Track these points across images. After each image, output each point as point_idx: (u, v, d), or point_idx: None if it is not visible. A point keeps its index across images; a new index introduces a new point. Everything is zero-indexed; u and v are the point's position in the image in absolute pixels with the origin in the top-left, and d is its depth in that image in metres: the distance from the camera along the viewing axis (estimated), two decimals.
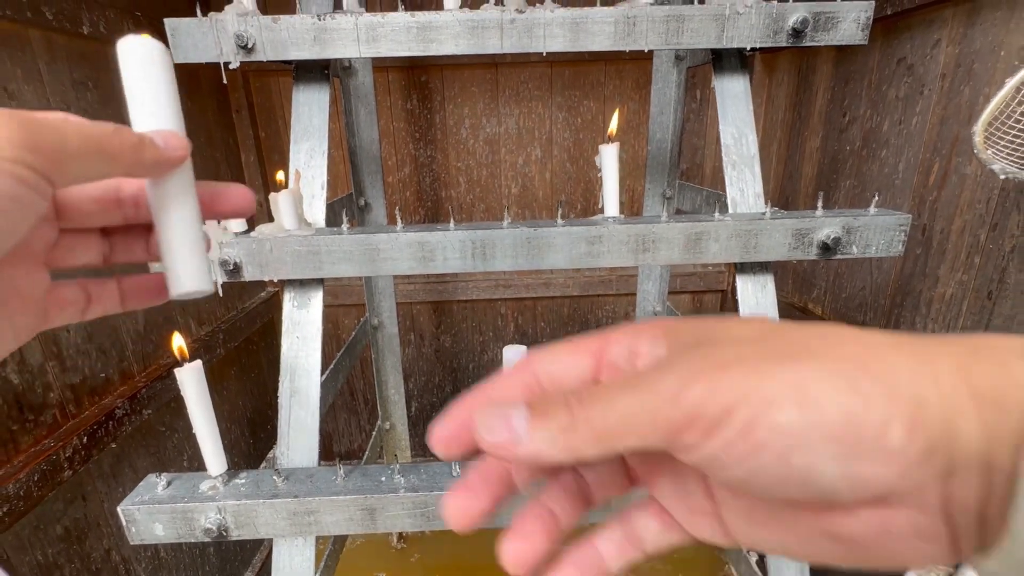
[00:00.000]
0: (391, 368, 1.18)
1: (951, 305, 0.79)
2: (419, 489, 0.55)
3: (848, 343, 0.15)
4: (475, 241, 0.59)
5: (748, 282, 0.66)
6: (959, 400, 0.14)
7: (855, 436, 0.14)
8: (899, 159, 0.88)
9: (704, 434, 0.15)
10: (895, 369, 0.15)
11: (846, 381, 0.14)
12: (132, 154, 0.19)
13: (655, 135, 1.05)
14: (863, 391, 0.14)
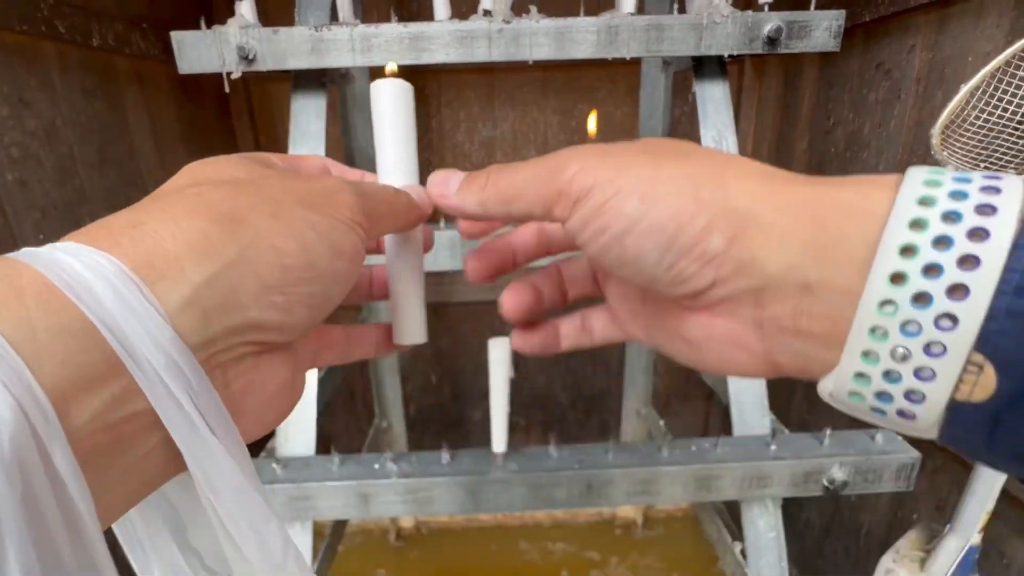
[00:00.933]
0: (388, 368, 1.20)
1: None
2: (411, 475, 0.58)
3: (728, 164, 0.18)
4: (466, 241, 0.62)
5: None
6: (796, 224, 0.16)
7: (677, 233, 0.17)
8: (879, 160, 0.91)
9: (567, 209, 0.18)
10: (744, 188, 0.17)
11: (693, 188, 0.17)
12: (406, 215, 0.21)
13: (643, 133, 1.08)
14: (702, 198, 0.17)
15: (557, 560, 1.25)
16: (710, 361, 0.20)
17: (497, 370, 0.57)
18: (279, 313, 0.16)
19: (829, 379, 0.16)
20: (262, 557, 0.16)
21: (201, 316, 0.14)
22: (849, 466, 0.58)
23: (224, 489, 0.15)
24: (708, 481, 0.58)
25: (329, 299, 0.18)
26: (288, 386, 0.19)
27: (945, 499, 0.80)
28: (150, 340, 0.14)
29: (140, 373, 0.13)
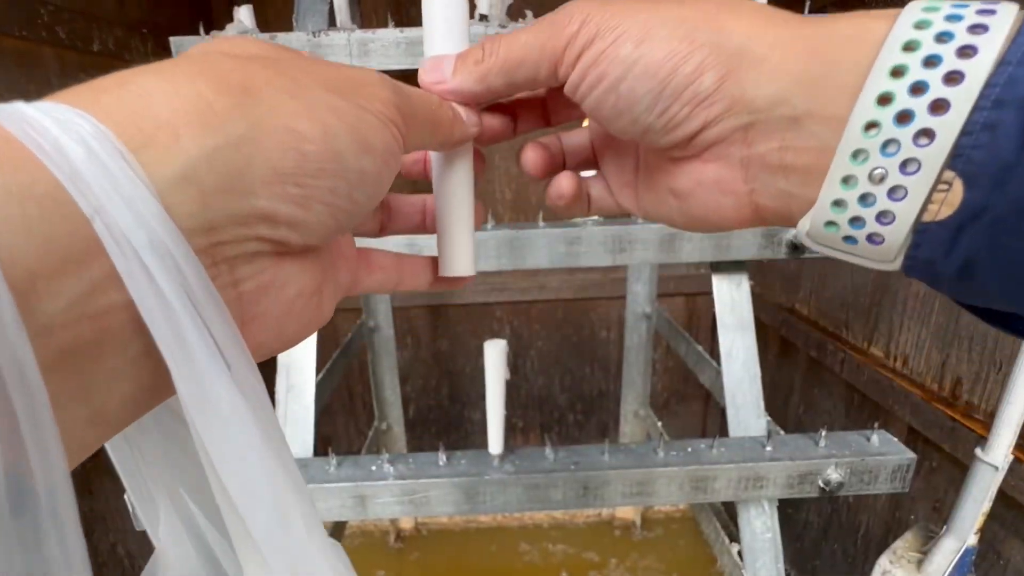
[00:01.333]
0: (387, 369, 1.21)
1: (925, 302, 0.82)
2: (407, 477, 0.58)
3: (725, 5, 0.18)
4: None
5: (723, 281, 0.69)
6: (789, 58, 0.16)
7: (669, 76, 0.17)
8: None
9: (571, 64, 0.19)
10: (739, 27, 0.17)
11: (687, 30, 0.17)
12: (448, 128, 0.19)
13: None
14: (696, 39, 0.17)
15: (557, 561, 1.25)
16: (696, 210, 0.20)
17: (493, 372, 0.58)
18: (295, 207, 0.14)
19: (807, 216, 0.17)
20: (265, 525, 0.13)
21: (198, 197, 0.12)
22: (845, 467, 0.58)
23: (217, 417, 0.12)
24: (704, 482, 0.59)
25: (354, 202, 0.16)
26: (313, 296, 0.17)
27: (942, 500, 0.80)
28: (129, 212, 0.11)
29: (117, 251, 0.11)
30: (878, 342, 0.93)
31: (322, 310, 0.18)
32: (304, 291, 0.16)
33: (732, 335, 0.67)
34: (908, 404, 0.82)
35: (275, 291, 0.15)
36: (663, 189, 0.21)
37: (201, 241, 0.13)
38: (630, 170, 0.23)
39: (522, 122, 0.23)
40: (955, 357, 0.77)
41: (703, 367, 0.90)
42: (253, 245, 0.14)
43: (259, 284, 0.15)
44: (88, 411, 0.12)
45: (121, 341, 0.12)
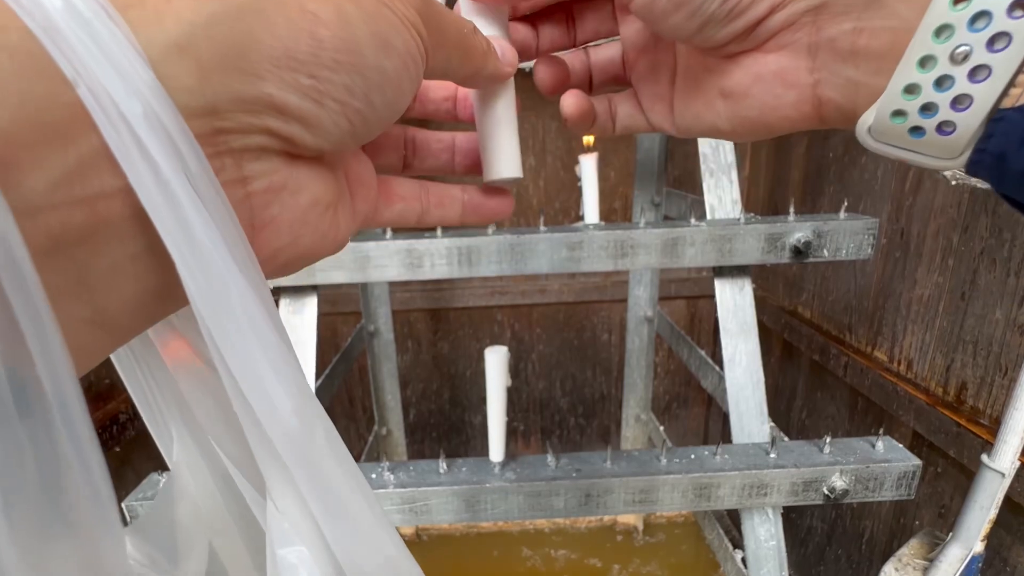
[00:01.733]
0: (387, 374, 1.20)
1: (928, 306, 0.81)
2: (408, 485, 0.58)
3: None
4: (461, 248, 0.62)
5: (726, 285, 0.68)
6: None
7: None
8: (877, 165, 0.91)
9: None
10: None
11: None
12: (480, 60, 0.18)
13: (643, 144, 1.08)
14: None
15: (559, 567, 1.24)
16: (751, 110, 0.19)
17: (494, 379, 0.57)
18: (308, 101, 0.13)
19: (871, 109, 0.16)
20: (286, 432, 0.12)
21: (196, 70, 0.11)
22: (850, 474, 0.57)
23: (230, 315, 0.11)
24: (707, 490, 0.58)
25: (371, 105, 0.14)
26: (328, 209, 0.15)
27: (947, 505, 0.79)
28: (118, 78, 0.10)
29: (106, 122, 0.10)
30: (882, 346, 0.92)
31: (338, 228, 0.16)
32: (319, 201, 0.15)
33: (735, 340, 0.66)
34: (912, 409, 0.82)
35: (287, 196, 0.14)
36: (711, 92, 0.20)
37: (201, 125, 0.11)
38: (665, 82, 0.22)
39: (546, 37, 0.22)
40: (960, 361, 0.76)
41: (706, 372, 0.89)
42: (261, 139, 0.13)
43: (270, 185, 0.13)
44: (89, 311, 0.11)
45: (119, 233, 0.11)
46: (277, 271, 0.15)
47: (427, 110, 0.23)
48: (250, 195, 0.13)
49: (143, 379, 0.17)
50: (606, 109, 0.23)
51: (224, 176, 0.12)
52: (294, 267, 0.16)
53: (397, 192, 0.20)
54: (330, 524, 0.13)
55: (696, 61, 0.21)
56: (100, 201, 0.10)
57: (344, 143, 0.15)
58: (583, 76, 0.24)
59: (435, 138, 0.23)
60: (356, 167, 0.18)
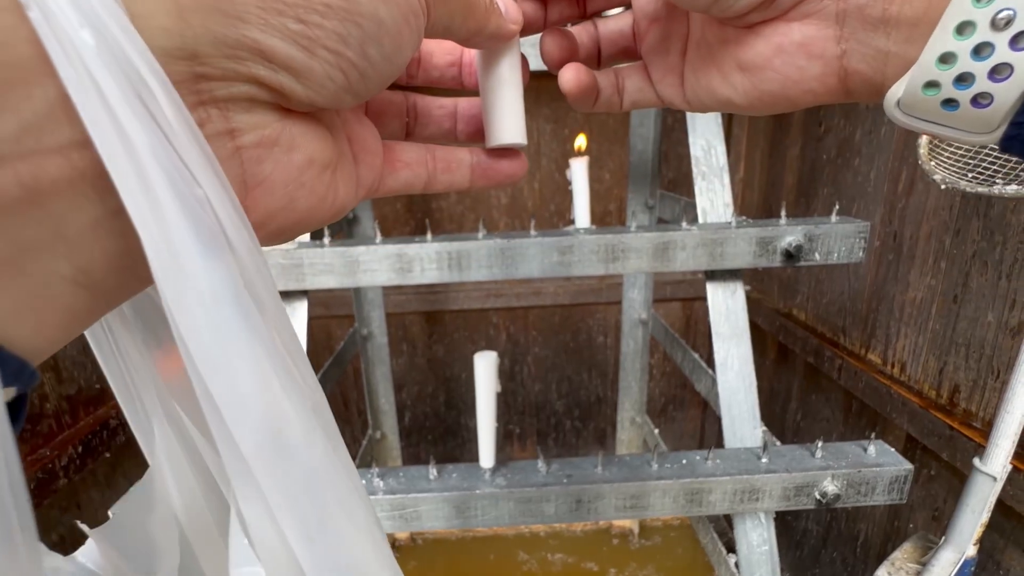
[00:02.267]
0: (381, 378, 1.20)
1: (921, 308, 0.81)
2: (397, 492, 0.57)
3: None
4: (451, 252, 0.62)
5: (718, 289, 0.68)
6: None
7: None
8: (871, 167, 0.91)
9: None
10: None
11: None
12: (483, 16, 0.17)
13: (636, 146, 1.08)
14: None
15: (556, 571, 1.24)
16: (772, 83, 0.18)
17: (483, 385, 0.57)
18: (296, 48, 0.12)
19: (902, 81, 0.16)
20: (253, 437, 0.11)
21: (174, 9, 0.10)
22: (841, 479, 0.57)
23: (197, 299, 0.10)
24: (699, 495, 0.58)
25: (367, 59, 0.13)
26: (326, 171, 0.15)
27: (941, 508, 0.79)
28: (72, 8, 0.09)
29: (62, 55, 0.09)
30: (875, 348, 0.92)
31: (337, 192, 0.15)
32: (315, 160, 0.14)
33: (727, 344, 0.66)
34: (906, 412, 0.82)
35: (280, 153, 0.13)
36: (728, 65, 0.19)
37: (180, 68, 0.10)
38: (677, 54, 0.21)
39: (555, 8, 0.21)
40: (952, 364, 0.76)
41: (699, 375, 0.89)
42: (249, 88, 0.12)
43: (261, 139, 0.13)
44: (70, 268, 0.10)
45: (96, 185, 0.10)
46: (272, 237, 0.14)
47: (431, 77, 0.22)
48: (240, 149, 0.12)
49: (124, 371, 0.16)
50: (612, 83, 0.22)
51: (210, 128, 0.11)
52: (291, 233, 0.15)
53: (402, 158, 0.19)
54: (303, 544, 0.11)
55: (712, 32, 0.20)
56: (74, 151, 0.09)
57: (339, 98, 0.14)
58: (591, 49, 0.23)
59: (437, 104, 0.22)
60: (360, 132, 0.18)
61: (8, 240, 0.09)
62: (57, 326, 0.10)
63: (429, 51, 0.21)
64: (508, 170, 0.21)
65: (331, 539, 0.12)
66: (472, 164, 0.21)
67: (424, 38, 0.16)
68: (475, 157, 0.21)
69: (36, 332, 0.10)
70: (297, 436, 0.11)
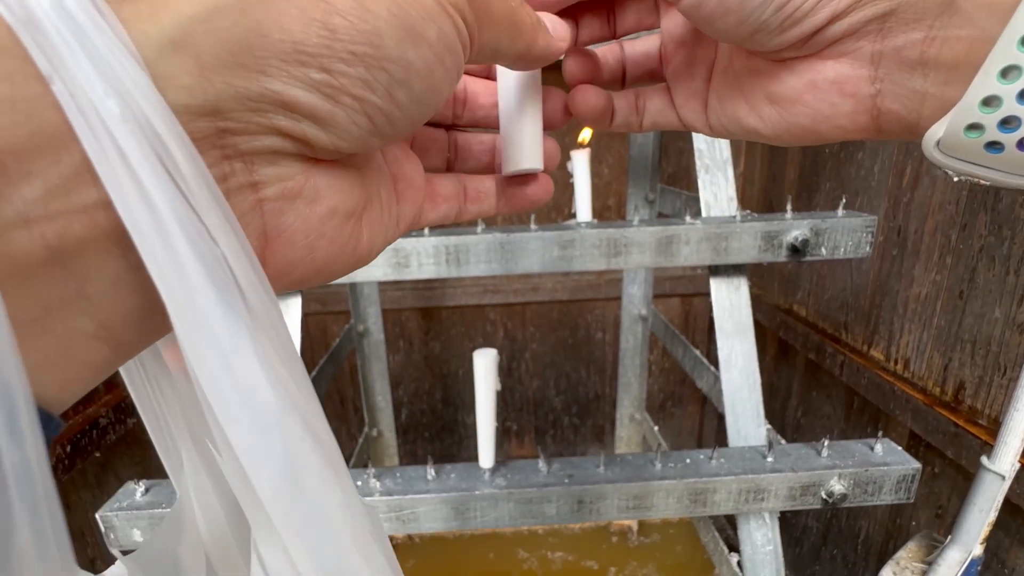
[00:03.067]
0: (378, 375, 1.18)
1: (926, 304, 0.80)
2: (394, 493, 0.56)
3: None
4: (449, 247, 0.60)
5: (722, 284, 0.66)
6: None
7: None
8: (875, 161, 0.89)
9: None
10: None
11: None
12: (531, 35, 0.17)
13: (636, 139, 1.06)
14: None
15: (556, 570, 1.23)
16: (802, 118, 0.18)
17: (483, 383, 0.55)
18: (320, 97, 0.12)
19: (942, 122, 0.15)
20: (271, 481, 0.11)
21: (195, 67, 0.10)
22: (848, 478, 0.56)
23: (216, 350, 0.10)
24: (703, 495, 0.57)
25: (395, 103, 0.13)
26: (348, 220, 0.14)
27: (945, 506, 0.78)
28: (97, 74, 0.09)
29: (84, 125, 0.09)
30: (878, 345, 0.91)
31: (360, 240, 0.15)
32: (338, 210, 0.14)
33: (731, 341, 0.65)
34: (909, 409, 0.81)
35: (303, 204, 0.13)
36: (756, 96, 0.19)
37: (203, 125, 0.11)
38: (702, 80, 0.21)
39: (584, 29, 0.21)
40: (958, 361, 0.75)
41: (701, 372, 0.88)
42: (273, 140, 0.12)
43: (284, 191, 0.12)
44: (92, 324, 0.10)
45: (118, 243, 0.10)
46: (292, 286, 0.14)
47: (476, 117, 0.22)
48: (262, 201, 0.12)
49: (154, 399, 0.17)
50: (631, 104, 0.22)
51: (233, 181, 0.12)
52: (311, 282, 0.15)
53: (441, 193, 0.20)
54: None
55: (740, 62, 0.19)
56: (99, 211, 0.10)
57: (366, 142, 0.13)
58: (616, 70, 0.22)
59: (476, 140, 0.22)
60: (407, 168, 0.18)
61: (34, 301, 0.09)
62: (80, 379, 0.10)
63: (475, 91, 0.21)
64: (533, 195, 0.21)
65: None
66: (498, 192, 0.21)
67: (474, 63, 0.16)
68: (500, 185, 0.21)
69: (61, 387, 0.10)
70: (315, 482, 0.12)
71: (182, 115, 0.10)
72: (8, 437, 0.08)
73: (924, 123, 0.16)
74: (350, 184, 0.14)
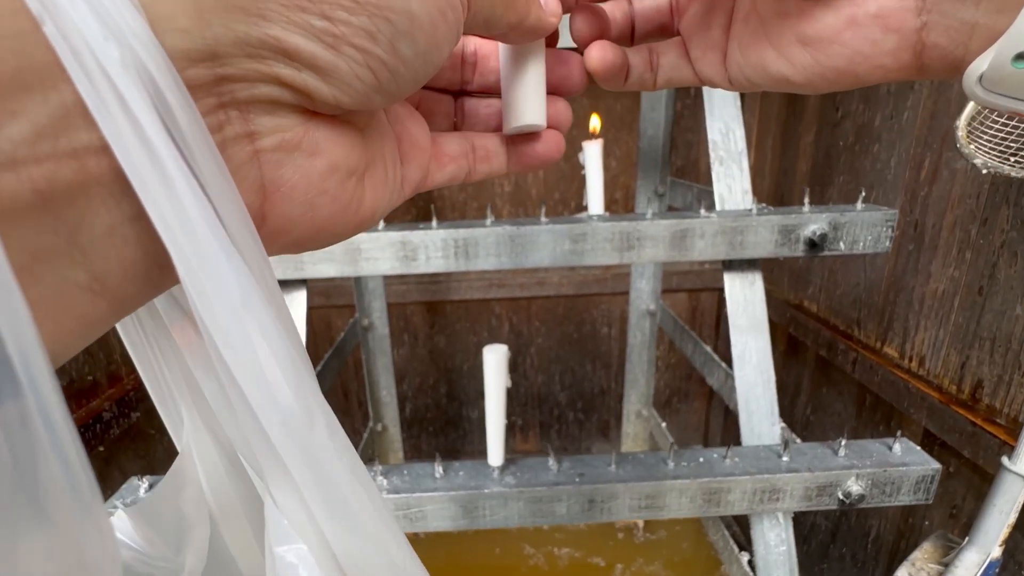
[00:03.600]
0: (383, 369, 1.17)
1: (943, 301, 0.79)
2: (401, 491, 0.55)
3: None
4: (458, 240, 0.59)
5: (736, 279, 0.65)
6: None
7: None
8: (891, 154, 0.87)
9: None
10: None
11: None
12: (524, 8, 0.16)
13: (646, 132, 1.04)
14: None
15: (563, 566, 1.22)
16: (838, 59, 0.17)
17: (493, 379, 0.54)
18: (321, 46, 0.11)
19: (987, 53, 0.14)
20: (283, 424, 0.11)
21: (193, 9, 0.10)
22: (866, 479, 0.55)
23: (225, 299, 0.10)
24: (717, 495, 0.55)
25: (399, 56, 0.13)
26: (350, 179, 0.14)
27: (960, 506, 0.77)
28: (93, 16, 0.09)
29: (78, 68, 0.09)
30: (892, 342, 0.90)
31: (363, 201, 0.15)
32: (339, 167, 0.14)
33: (745, 337, 0.63)
34: (924, 407, 0.79)
35: (302, 157, 0.13)
36: (785, 39, 0.18)
37: (201, 72, 0.10)
38: (720, 29, 0.20)
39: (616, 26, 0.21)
40: (976, 358, 0.73)
41: (711, 369, 0.86)
42: (272, 89, 0.11)
43: (281, 142, 0.12)
44: (86, 276, 0.10)
45: (113, 192, 0.10)
46: (291, 246, 0.14)
47: (488, 82, 0.21)
48: (258, 152, 0.12)
49: (154, 359, 0.17)
50: (645, 60, 0.21)
51: (229, 130, 0.11)
52: (313, 243, 0.14)
53: (447, 152, 0.19)
54: (331, 522, 0.12)
55: (766, 4, 0.18)
56: (89, 156, 0.09)
57: (369, 99, 0.13)
58: (625, 27, 0.21)
59: (484, 103, 0.21)
60: (412, 129, 0.17)
61: (23, 247, 0.09)
62: (74, 333, 0.10)
63: (485, 54, 0.21)
64: (544, 153, 0.20)
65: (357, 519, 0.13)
66: (508, 150, 0.20)
67: (467, 33, 0.15)
68: (511, 143, 0.21)
69: (54, 339, 0.10)
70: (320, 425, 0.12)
71: (179, 60, 0.10)
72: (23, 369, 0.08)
73: (970, 57, 0.15)
74: (351, 142, 0.14)
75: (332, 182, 0.14)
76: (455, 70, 0.20)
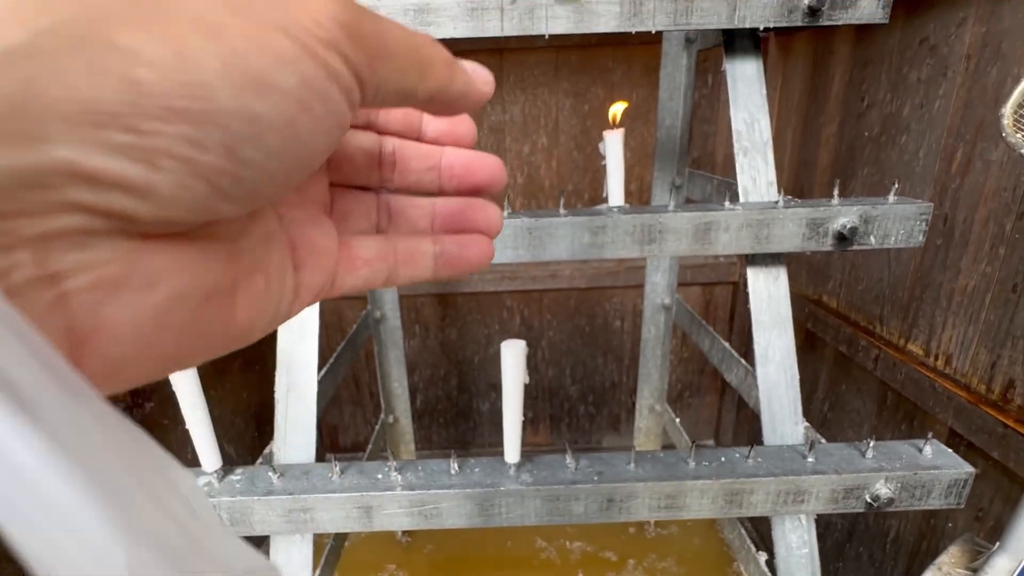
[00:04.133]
0: (394, 361, 1.16)
1: (974, 298, 0.76)
2: (416, 487, 0.54)
3: None
4: None
5: (760, 274, 0.63)
6: None
7: None
8: (920, 145, 0.84)
9: None
10: None
11: None
12: (444, 71, 0.15)
13: (664, 121, 1.02)
14: None
15: (575, 560, 1.22)
16: None
17: (511, 375, 0.53)
18: (129, 162, 0.09)
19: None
20: None
21: None
22: (895, 481, 0.53)
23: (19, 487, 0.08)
24: (739, 496, 0.54)
25: (243, 163, 0.11)
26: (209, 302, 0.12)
27: (986, 509, 0.75)
28: None
29: None
30: (917, 339, 0.87)
31: (231, 322, 0.13)
32: (188, 294, 0.11)
33: (768, 334, 0.61)
34: (951, 406, 0.77)
35: (131, 292, 0.10)
36: None
37: None
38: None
39: None
40: (1008, 358, 0.71)
41: (730, 365, 0.84)
42: (76, 219, 0.09)
43: (98, 279, 0.10)
44: None
45: None
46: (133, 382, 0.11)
47: (408, 182, 0.19)
48: (66, 296, 0.10)
49: None
50: None
51: (17, 276, 0.09)
52: (166, 373, 0.12)
53: (361, 256, 0.17)
54: None
55: None
56: None
57: (213, 209, 0.11)
58: None
59: (412, 203, 0.20)
60: (309, 234, 0.16)
61: None
62: None
63: (405, 156, 0.19)
64: (475, 259, 0.19)
65: None
66: (436, 254, 0.19)
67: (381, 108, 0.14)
68: (438, 247, 0.19)
69: None
70: None
71: None
72: None
73: None
74: (211, 258, 0.12)
75: (179, 313, 0.11)
76: (372, 168, 0.19)
